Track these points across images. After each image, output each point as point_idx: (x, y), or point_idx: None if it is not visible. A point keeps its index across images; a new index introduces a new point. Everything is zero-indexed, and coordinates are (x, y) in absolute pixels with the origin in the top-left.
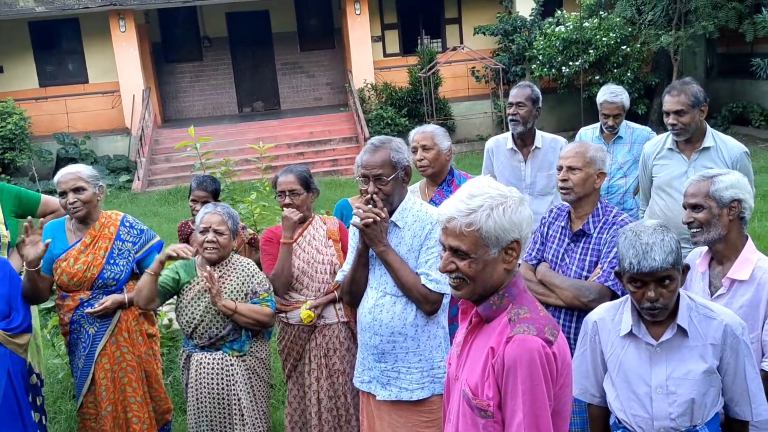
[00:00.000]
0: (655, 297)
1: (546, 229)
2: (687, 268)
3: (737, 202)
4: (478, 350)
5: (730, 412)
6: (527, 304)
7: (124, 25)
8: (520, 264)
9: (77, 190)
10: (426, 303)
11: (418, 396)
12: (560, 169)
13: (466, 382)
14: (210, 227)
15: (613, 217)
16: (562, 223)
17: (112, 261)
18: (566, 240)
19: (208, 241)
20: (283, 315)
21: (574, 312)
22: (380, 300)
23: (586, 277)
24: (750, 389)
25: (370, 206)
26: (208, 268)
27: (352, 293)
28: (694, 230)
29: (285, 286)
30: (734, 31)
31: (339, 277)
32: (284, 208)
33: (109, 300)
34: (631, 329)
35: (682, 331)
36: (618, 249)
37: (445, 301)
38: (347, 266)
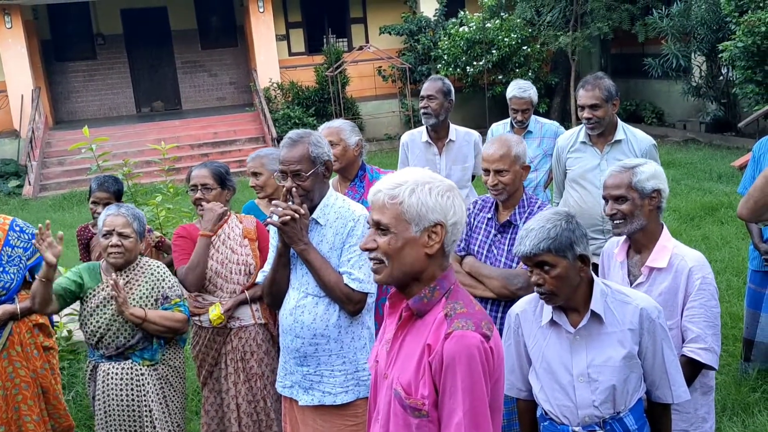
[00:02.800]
0: (536, 281)
1: (472, 219)
2: (585, 258)
3: (657, 192)
4: (411, 347)
5: (652, 396)
6: (462, 299)
7: (10, 21)
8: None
9: None
10: (349, 303)
11: (342, 400)
12: (487, 171)
13: (398, 380)
14: (114, 230)
15: (538, 207)
16: (488, 215)
17: (0, 269)
18: (493, 231)
19: (112, 246)
20: (196, 318)
21: (501, 303)
22: (302, 301)
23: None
24: (669, 372)
25: (288, 203)
26: (113, 274)
27: (272, 295)
28: (618, 221)
29: (198, 281)
30: (627, 32)
31: (260, 278)
32: (197, 203)
33: None
34: (552, 317)
35: (598, 318)
36: None
37: (370, 300)
38: (268, 266)
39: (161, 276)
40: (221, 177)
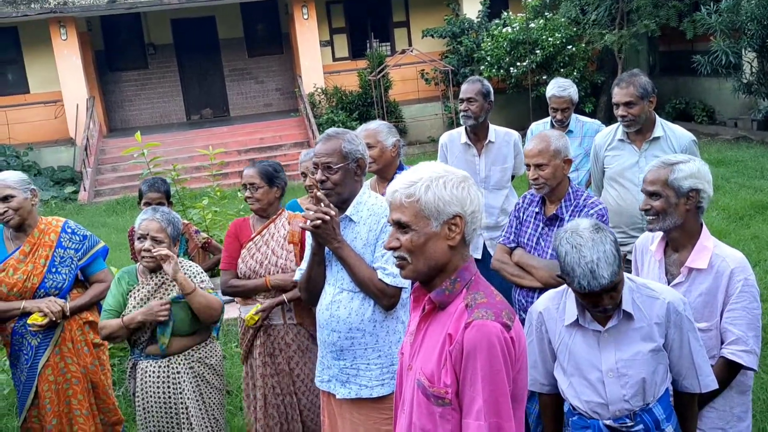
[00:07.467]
0: (607, 304)
1: (521, 213)
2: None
3: (695, 192)
4: (433, 338)
5: (679, 386)
6: (483, 289)
7: (66, 33)
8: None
9: (5, 198)
10: (383, 297)
11: (378, 393)
12: (528, 167)
13: (421, 370)
14: (147, 234)
15: (584, 200)
16: (536, 209)
17: (53, 269)
18: (540, 224)
19: (144, 250)
20: (241, 307)
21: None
22: (337, 296)
23: None
24: (696, 362)
25: (318, 206)
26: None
27: (309, 291)
28: (651, 217)
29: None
30: (675, 29)
31: (297, 275)
32: (247, 200)
33: (43, 302)
34: (577, 319)
35: (628, 315)
36: (560, 261)
37: (405, 295)
38: (305, 264)
39: (195, 276)
40: (269, 175)
